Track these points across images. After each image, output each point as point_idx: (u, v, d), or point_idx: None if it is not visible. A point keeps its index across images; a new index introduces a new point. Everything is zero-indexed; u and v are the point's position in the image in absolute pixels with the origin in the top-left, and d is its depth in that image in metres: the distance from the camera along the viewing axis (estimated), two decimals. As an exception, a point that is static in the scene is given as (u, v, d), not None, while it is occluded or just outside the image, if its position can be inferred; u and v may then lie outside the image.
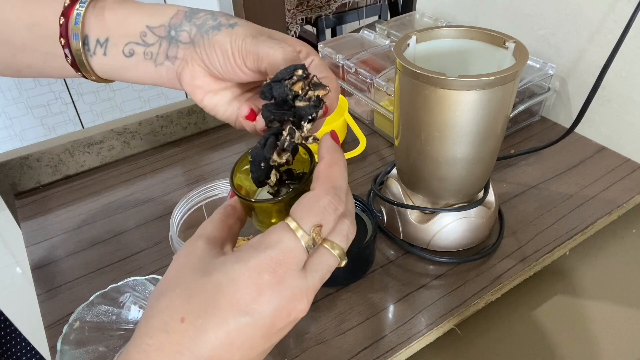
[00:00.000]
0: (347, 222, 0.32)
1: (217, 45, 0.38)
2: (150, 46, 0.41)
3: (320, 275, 0.29)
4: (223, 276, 0.27)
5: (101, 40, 0.41)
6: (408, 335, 0.46)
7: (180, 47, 0.40)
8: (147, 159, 0.73)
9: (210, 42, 0.38)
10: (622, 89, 0.66)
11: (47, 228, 0.61)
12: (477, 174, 0.51)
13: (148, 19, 0.41)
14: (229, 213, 0.34)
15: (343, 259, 0.31)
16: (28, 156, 0.65)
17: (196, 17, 0.40)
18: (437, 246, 0.54)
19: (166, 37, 0.40)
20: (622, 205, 0.60)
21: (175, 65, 0.40)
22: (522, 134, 0.74)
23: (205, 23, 0.39)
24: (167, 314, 0.27)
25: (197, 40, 0.39)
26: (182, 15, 0.40)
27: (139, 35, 0.41)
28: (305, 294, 0.28)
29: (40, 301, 0.52)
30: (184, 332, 0.26)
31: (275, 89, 0.33)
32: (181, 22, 0.40)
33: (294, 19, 2.12)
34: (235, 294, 0.27)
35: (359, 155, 0.68)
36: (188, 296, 0.27)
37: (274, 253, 0.28)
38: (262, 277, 0.27)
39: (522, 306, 0.52)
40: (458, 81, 0.42)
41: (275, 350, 0.46)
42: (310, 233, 0.28)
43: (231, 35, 0.37)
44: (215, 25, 0.39)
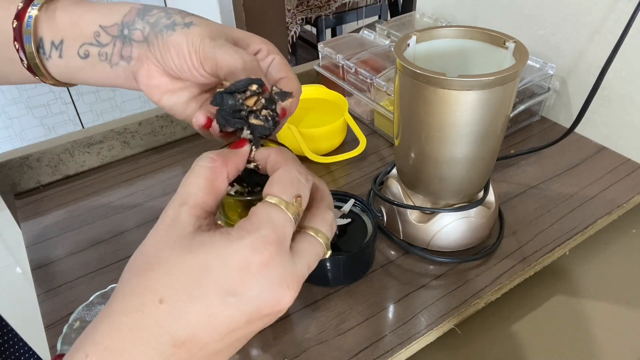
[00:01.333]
0: (331, 213, 0.31)
1: (172, 47, 0.36)
2: (104, 46, 0.39)
3: (307, 262, 0.28)
4: (212, 258, 0.26)
5: (56, 43, 0.40)
6: (408, 335, 0.46)
7: (134, 47, 0.38)
8: (147, 159, 0.73)
9: (164, 42, 0.36)
10: (622, 89, 0.66)
11: (47, 228, 0.61)
12: (477, 174, 0.51)
13: (101, 18, 0.39)
14: (216, 173, 0.29)
15: (328, 248, 0.30)
16: (28, 156, 0.65)
17: (149, 15, 0.38)
18: (437, 246, 0.54)
19: (119, 37, 0.39)
20: (622, 205, 0.60)
21: (130, 65, 0.39)
22: (522, 134, 0.74)
23: (159, 22, 0.37)
24: (146, 296, 0.25)
25: (151, 40, 0.37)
26: (135, 12, 0.38)
27: (92, 35, 0.39)
28: (293, 280, 0.27)
29: (40, 301, 0.52)
30: (162, 314, 0.25)
31: (227, 100, 0.32)
32: (134, 20, 0.38)
33: (294, 19, 2.12)
34: (223, 276, 0.25)
35: (359, 155, 0.68)
36: (170, 278, 0.25)
37: (266, 232, 0.26)
38: (253, 258, 0.26)
39: (522, 306, 0.52)
40: (458, 81, 0.42)
41: (275, 350, 0.46)
42: (294, 203, 0.28)
43: (187, 36, 0.36)
44: (169, 24, 0.37)
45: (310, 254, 0.29)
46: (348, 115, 0.70)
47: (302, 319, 0.48)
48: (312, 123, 0.70)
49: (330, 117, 0.71)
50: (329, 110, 0.73)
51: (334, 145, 0.71)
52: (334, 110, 0.72)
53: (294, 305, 0.50)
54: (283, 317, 0.48)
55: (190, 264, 0.26)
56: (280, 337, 0.47)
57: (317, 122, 0.69)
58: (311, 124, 0.69)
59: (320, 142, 0.69)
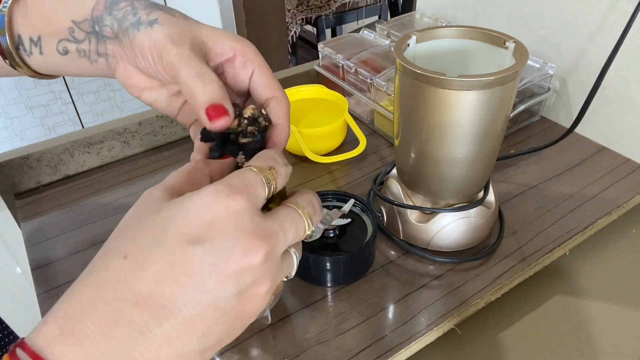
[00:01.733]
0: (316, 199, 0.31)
1: (137, 48, 0.34)
2: (80, 43, 0.38)
3: (280, 224, 0.26)
4: (177, 209, 0.25)
5: (34, 39, 0.38)
6: (408, 335, 0.46)
7: (107, 44, 0.36)
8: (147, 159, 0.73)
9: (131, 43, 0.34)
10: (622, 89, 0.66)
11: (47, 228, 0.61)
12: (477, 174, 0.51)
13: (71, 13, 0.37)
14: (198, 167, 0.30)
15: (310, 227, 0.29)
16: (28, 156, 0.65)
17: (117, 9, 0.36)
18: (437, 246, 0.54)
19: (92, 33, 0.37)
20: (622, 205, 0.60)
21: (109, 62, 0.37)
22: (522, 134, 0.74)
23: (126, 18, 0.35)
24: (110, 254, 0.25)
25: (121, 37, 0.35)
26: (103, 5, 0.36)
27: (67, 31, 0.37)
28: (264, 234, 0.25)
29: (40, 301, 0.52)
30: (123, 267, 0.24)
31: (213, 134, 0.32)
32: (102, 15, 0.36)
33: (294, 19, 2.12)
34: (187, 223, 0.24)
35: (359, 155, 0.68)
36: (135, 233, 0.25)
37: (234, 181, 0.25)
38: (218, 203, 0.24)
39: (522, 306, 0.52)
40: (458, 81, 0.42)
41: (275, 350, 0.46)
42: (267, 170, 0.27)
43: (150, 37, 0.33)
44: (135, 21, 0.34)
45: (285, 218, 0.27)
46: (348, 115, 0.70)
47: (302, 319, 0.48)
48: (312, 123, 0.70)
49: (330, 117, 0.71)
50: (329, 110, 0.73)
51: (334, 145, 0.71)
52: (334, 110, 0.72)
53: (294, 305, 0.50)
54: (283, 317, 0.48)
55: (156, 218, 0.25)
56: (280, 337, 0.47)
57: (317, 122, 0.69)
58: (311, 124, 0.69)
59: (320, 142, 0.69)
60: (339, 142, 0.72)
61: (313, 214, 0.29)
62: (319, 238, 0.51)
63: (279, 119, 0.35)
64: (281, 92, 0.36)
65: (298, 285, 0.52)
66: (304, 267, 0.51)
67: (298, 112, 0.72)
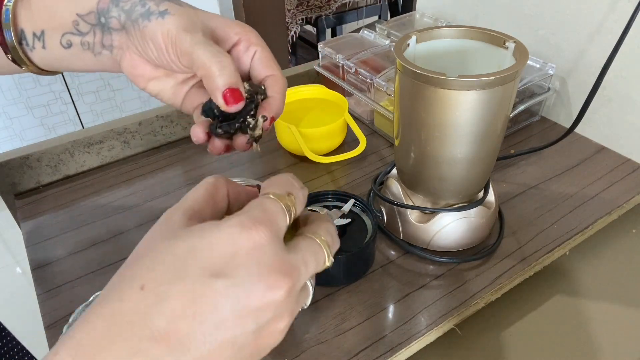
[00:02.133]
0: (333, 227, 0.30)
1: (149, 38, 0.35)
2: (85, 35, 0.38)
3: (302, 256, 0.26)
4: (198, 240, 0.24)
5: (37, 34, 0.39)
6: (408, 335, 0.46)
7: (113, 35, 0.37)
8: (147, 159, 0.73)
9: (141, 33, 0.35)
10: (622, 89, 0.66)
11: (47, 228, 0.61)
12: (477, 174, 0.51)
13: (76, 6, 0.38)
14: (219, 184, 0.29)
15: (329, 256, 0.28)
16: (28, 156, 0.65)
17: (124, 1, 0.37)
18: (437, 246, 0.54)
19: (98, 25, 0.37)
20: (622, 205, 0.60)
21: (114, 54, 0.38)
22: (522, 134, 0.74)
23: (134, 9, 0.36)
24: (127, 283, 0.23)
25: (129, 28, 0.36)
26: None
27: (72, 25, 0.38)
28: (287, 268, 0.24)
29: (40, 301, 0.52)
30: (141, 300, 0.22)
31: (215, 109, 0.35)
32: (108, 7, 0.37)
33: (294, 19, 2.12)
34: (209, 256, 0.23)
35: (359, 155, 0.68)
36: (154, 262, 0.24)
37: (257, 213, 0.25)
38: (241, 236, 0.24)
39: (522, 306, 0.52)
40: (458, 81, 0.42)
41: (275, 350, 0.46)
42: (286, 196, 0.27)
43: (162, 27, 0.34)
44: (144, 12, 0.35)
45: (306, 249, 0.27)
46: (348, 115, 0.70)
47: (302, 319, 0.48)
48: (312, 123, 0.70)
49: (330, 117, 0.71)
50: (329, 110, 0.73)
51: (334, 146, 0.71)
52: (334, 110, 0.72)
53: (294, 305, 0.50)
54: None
55: (176, 247, 0.24)
56: (280, 337, 0.47)
57: (317, 122, 0.69)
58: (311, 124, 0.69)
59: (320, 142, 0.69)
60: (338, 142, 0.72)
61: (332, 243, 0.29)
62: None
63: (275, 93, 0.36)
64: (279, 71, 0.37)
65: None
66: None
67: (298, 112, 0.72)
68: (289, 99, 0.73)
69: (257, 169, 0.70)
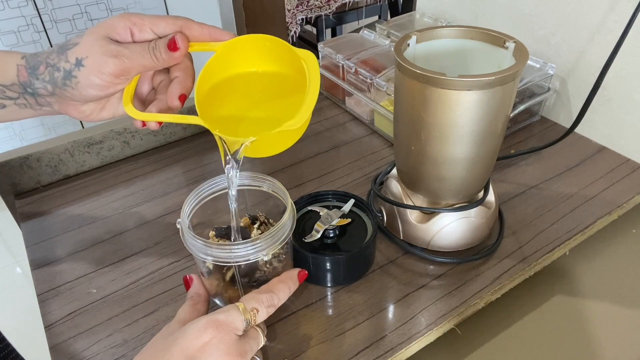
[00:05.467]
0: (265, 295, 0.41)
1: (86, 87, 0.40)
2: (17, 99, 0.43)
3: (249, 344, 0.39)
4: (180, 332, 0.36)
5: None
6: (408, 335, 0.46)
7: (47, 98, 0.42)
8: (147, 159, 0.73)
9: (75, 89, 0.40)
10: (622, 89, 0.66)
11: (47, 228, 0.61)
12: (477, 174, 0.51)
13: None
14: (196, 300, 0.43)
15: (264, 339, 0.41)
16: (28, 156, 0.65)
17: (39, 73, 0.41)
18: (437, 246, 0.54)
19: (26, 93, 0.42)
20: (622, 205, 0.60)
21: (55, 109, 0.43)
22: (522, 134, 0.74)
23: (54, 76, 0.40)
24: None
25: (60, 92, 0.41)
26: (24, 71, 0.41)
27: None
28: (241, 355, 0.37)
29: (40, 301, 0.52)
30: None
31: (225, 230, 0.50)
32: (29, 80, 0.41)
33: (294, 19, 2.11)
34: (186, 343, 0.35)
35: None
36: (150, 353, 0.37)
37: (221, 317, 0.37)
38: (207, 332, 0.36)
39: (522, 306, 0.52)
40: (458, 81, 0.42)
41: (275, 350, 0.46)
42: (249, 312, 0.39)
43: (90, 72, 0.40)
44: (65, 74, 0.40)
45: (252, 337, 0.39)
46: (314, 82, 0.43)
47: (302, 319, 0.48)
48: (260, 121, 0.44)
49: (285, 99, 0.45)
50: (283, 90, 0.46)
51: None
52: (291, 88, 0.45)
53: (295, 305, 0.50)
54: (283, 317, 0.48)
55: (166, 341, 0.36)
56: (280, 337, 0.47)
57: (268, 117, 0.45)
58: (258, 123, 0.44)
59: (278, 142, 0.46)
60: None
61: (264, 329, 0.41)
62: (319, 238, 0.51)
63: None
64: None
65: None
66: (304, 267, 0.51)
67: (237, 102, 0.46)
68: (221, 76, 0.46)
69: (257, 170, 0.69)
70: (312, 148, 0.73)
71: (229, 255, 0.41)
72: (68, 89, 0.40)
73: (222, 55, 0.44)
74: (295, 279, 0.44)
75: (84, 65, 0.39)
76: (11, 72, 0.41)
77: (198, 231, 0.48)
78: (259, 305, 0.40)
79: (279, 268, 0.46)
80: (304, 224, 0.54)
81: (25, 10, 1.52)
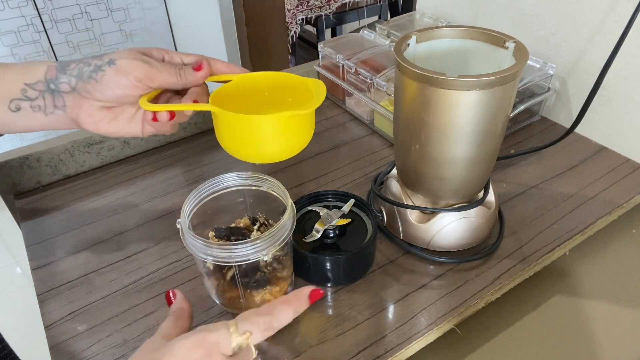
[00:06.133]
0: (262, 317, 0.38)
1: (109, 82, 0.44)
2: (34, 100, 0.45)
3: None
4: (166, 349, 0.34)
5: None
6: (408, 335, 0.46)
7: (65, 97, 0.45)
8: (147, 159, 0.73)
9: (99, 83, 0.44)
10: (622, 89, 0.66)
11: (47, 228, 0.61)
12: (477, 174, 0.51)
13: (23, 77, 0.44)
14: (178, 315, 0.40)
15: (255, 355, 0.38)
16: (28, 156, 0.65)
17: (69, 69, 0.45)
18: (437, 246, 0.54)
19: (47, 90, 0.45)
20: (622, 205, 0.60)
21: (67, 113, 0.45)
22: (522, 134, 0.74)
23: (83, 71, 0.44)
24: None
25: (81, 88, 0.44)
26: (54, 69, 0.45)
27: (20, 92, 0.44)
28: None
29: (40, 301, 0.52)
30: None
31: None
32: (56, 76, 0.44)
33: (294, 19, 2.11)
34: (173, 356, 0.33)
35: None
36: None
37: (210, 336, 0.34)
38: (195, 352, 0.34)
39: (522, 306, 0.52)
40: (458, 81, 0.42)
41: (276, 350, 0.46)
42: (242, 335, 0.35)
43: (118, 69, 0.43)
44: (94, 68, 0.44)
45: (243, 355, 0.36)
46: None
47: (302, 319, 0.48)
48: None
49: None
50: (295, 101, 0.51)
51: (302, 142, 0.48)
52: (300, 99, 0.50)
53: (294, 305, 0.50)
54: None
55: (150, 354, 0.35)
56: (281, 337, 0.47)
57: None
58: None
59: None
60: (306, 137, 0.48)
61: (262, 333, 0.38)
62: (319, 238, 0.51)
63: None
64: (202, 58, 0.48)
65: (298, 285, 0.52)
66: (304, 267, 0.51)
67: None
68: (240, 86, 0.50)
69: (257, 170, 0.69)
70: (312, 148, 0.73)
71: (229, 255, 0.41)
72: (92, 82, 0.44)
73: (237, 81, 0.48)
74: (305, 299, 0.38)
75: (115, 64, 0.44)
76: (40, 71, 0.44)
77: (198, 231, 0.48)
78: (253, 327, 0.36)
79: (279, 268, 0.46)
80: (304, 224, 0.54)
81: (25, 10, 1.52)
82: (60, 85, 0.44)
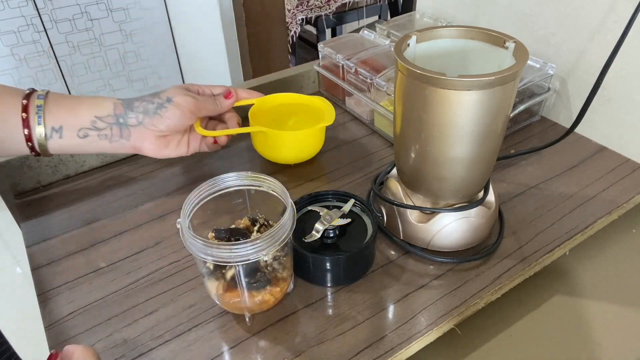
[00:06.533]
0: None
1: (170, 116, 0.56)
2: (101, 130, 0.55)
3: None
4: None
5: (56, 127, 0.53)
6: (408, 335, 0.46)
7: (131, 129, 0.56)
8: (147, 158, 0.72)
9: (161, 117, 0.56)
10: (622, 89, 0.66)
11: (47, 228, 0.61)
12: (477, 174, 0.51)
13: (95, 110, 0.54)
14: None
15: None
16: (28, 156, 0.65)
17: (134, 106, 0.56)
18: (437, 246, 0.54)
19: (116, 123, 0.55)
20: (622, 205, 0.60)
21: (130, 142, 0.57)
22: (522, 134, 0.74)
23: (148, 108, 0.56)
24: None
25: (147, 122, 0.56)
26: (121, 106, 0.56)
27: (89, 123, 0.54)
28: None
29: (40, 301, 0.52)
30: None
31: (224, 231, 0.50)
32: (124, 112, 0.56)
33: (294, 19, 2.11)
34: None
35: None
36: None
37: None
38: None
39: (522, 306, 0.52)
40: (458, 81, 0.42)
41: (275, 350, 0.46)
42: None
43: (178, 106, 0.57)
44: (157, 106, 0.56)
45: None
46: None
47: (302, 319, 0.48)
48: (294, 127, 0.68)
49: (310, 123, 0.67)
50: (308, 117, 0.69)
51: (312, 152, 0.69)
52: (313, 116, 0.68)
53: (295, 305, 0.50)
54: (283, 317, 0.48)
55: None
56: (280, 337, 0.47)
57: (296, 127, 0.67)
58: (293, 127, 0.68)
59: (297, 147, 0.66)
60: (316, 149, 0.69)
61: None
62: (319, 238, 0.51)
63: None
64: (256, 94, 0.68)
65: (298, 285, 0.52)
66: (304, 267, 0.51)
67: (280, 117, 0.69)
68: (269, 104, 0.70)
69: (258, 170, 0.69)
70: (312, 148, 0.72)
71: (229, 255, 0.41)
72: (156, 117, 0.56)
73: (259, 102, 0.68)
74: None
75: (172, 101, 0.56)
76: (108, 106, 0.55)
77: (198, 231, 0.48)
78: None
79: (279, 268, 0.46)
80: (304, 224, 0.54)
81: (25, 10, 1.52)
82: (128, 119, 0.55)
